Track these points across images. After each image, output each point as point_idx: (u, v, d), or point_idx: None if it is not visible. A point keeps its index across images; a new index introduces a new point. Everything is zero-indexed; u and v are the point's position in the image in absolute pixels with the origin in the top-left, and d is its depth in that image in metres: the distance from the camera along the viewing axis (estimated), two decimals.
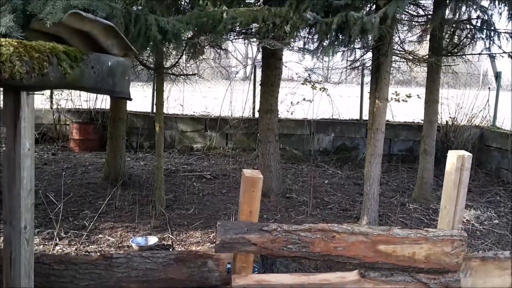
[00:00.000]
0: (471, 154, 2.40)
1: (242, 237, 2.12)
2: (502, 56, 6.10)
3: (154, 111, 6.95)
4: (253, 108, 8.99)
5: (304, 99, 8.76)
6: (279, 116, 6.46)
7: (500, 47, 5.87)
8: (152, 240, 4.17)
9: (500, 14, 5.43)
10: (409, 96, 8.36)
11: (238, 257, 2.20)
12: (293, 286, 2.17)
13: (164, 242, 4.29)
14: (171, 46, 4.55)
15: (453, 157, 2.38)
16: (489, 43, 5.84)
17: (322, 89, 8.72)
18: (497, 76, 8.70)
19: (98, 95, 8.62)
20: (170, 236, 4.43)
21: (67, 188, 5.70)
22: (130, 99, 2.17)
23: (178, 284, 2.28)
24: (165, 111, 8.82)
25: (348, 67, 7.05)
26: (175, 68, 6.26)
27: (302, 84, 8.84)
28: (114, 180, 5.74)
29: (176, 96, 9.37)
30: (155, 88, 6.89)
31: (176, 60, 5.70)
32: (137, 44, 3.14)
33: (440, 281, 2.33)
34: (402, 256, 2.27)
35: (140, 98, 9.15)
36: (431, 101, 6.26)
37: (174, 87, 8.80)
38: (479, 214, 5.57)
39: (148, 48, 4.14)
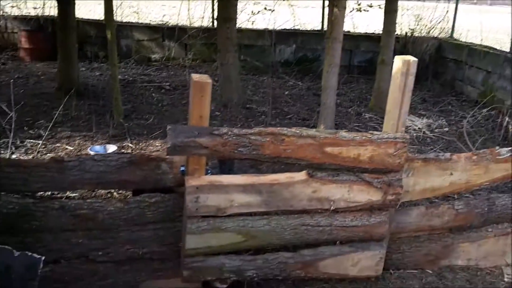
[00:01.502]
0: (416, 59, 2.44)
1: (193, 141, 2.15)
2: None
3: None
4: (213, 17, 8.67)
5: (265, 8, 8.50)
6: (239, 26, 6.29)
7: None
8: (111, 148, 4.17)
9: None
10: (370, 6, 8.26)
11: (191, 160, 2.25)
12: (244, 186, 2.27)
13: (123, 150, 4.31)
14: None
15: (399, 62, 2.42)
16: None
17: None
18: None
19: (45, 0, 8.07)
20: (130, 145, 4.45)
21: (19, 98, 5.50)
22: None
23: (133, 186, 2.33)
24: (119, 19, 8.44)
25: None
26: None
27: None
28: (68, 90, 5.57)
29: (132, 3, 8.88)
30: None
31: None
32: None
33: (383, 180, 2.49)
34: (348, 158, 2.38)
35: (93, 5, 8.63)
36: (391, 11, 6.22)
37: None
38: (431, 123, 5.84)
39: None
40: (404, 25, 8.23)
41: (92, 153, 4.05)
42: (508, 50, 6.85)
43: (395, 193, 2.53)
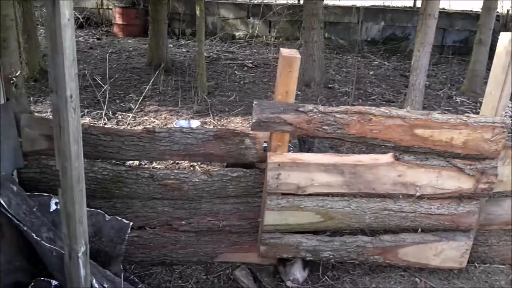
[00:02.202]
0: None
1: (278, 117, 2.14)
2: None
3: None
4: None
5: None
6: (326, 2, 6.13)
7: None
8: (195, 123, 4.31)
9: None
10: None
11: (274, 136, 2.25)
12: (326, 165, 2.23)
13: (206, 126, 4.43)
14: None
15: (505, 39, 2.21)
16: None
17: None
18: None
19: None
20: (212, 121, 4.57)
21: (112, 72, 5.86)
22: None
23: (217, 159, 2.39)
24: None
25: None
26: None
27: None
28: (157, 66, 5.81)
29: None
30: None
31: None
32: None
33: (476, 167, 2.32)
34: (439, 141, 2.24)
35: None
36: None
37: None
38: None
39: None
40: (506, 2, 7.53)
41: (177, 127, 4.22)
42: None
43: (488, 182, 2.35)
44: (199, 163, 3.57)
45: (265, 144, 2.32)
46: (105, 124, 4.31)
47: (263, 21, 8.41)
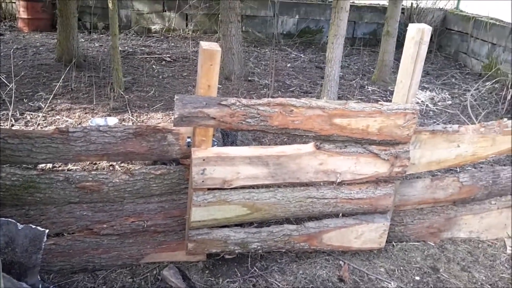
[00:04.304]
0: (430, 27, 2.37)
1: (200, 111, 2.11)
2: None
3: None
4: None
5: None
6: None
7: None
8: (112, 121, 4.13)
9: None
10: None
11: (197, 131, 2.21)
12: (251, 158, 2.24)
13: (124, 123, 4.26)
14: None
15: (413, 30, 2.35)
16: None
17: None
18: None
19: None
20: (130, 117, 4.40)
21: (18, 70, 5.43)
22: None
23: (139, 157, 2.30)
24: None
25: None
26: None
27: None
28: (68, 62, 5.48)
29: None
30: None
31: None
32: None
33: (391, 152, 2.46)
34: (356, 129, 2.34)
35: None
36: None
37: None
38: (434, 95, 5.78)
39: None
40: None
41: (93, 125, 4.01)
42: None
43: (401, 165, 2.51)
44: (119, 162, 3.43)
45: (188, 140, 2.28)
46: (12, 125, 3.98)
47: (179, 14, 8.25)
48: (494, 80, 5.94)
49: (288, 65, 6.92)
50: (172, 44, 7.73)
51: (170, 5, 8.24)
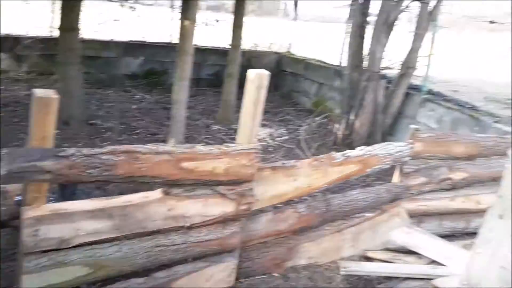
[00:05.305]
0: (268, 73, 2.58)
1: (34, 165, 1.93)
2: None
3: None
4: (53, 26, 7.94)
5: (111, 19, 8.15)
6: (83, 36, 5.91)
7: None
8: None
9: None
10: (217, 21, 8.53)
11: (30, 188, 2.01)
12: (93, 211, 2.12)
13: None
14: None
15: (252, 75, 2.53)
16: None
17: (131, 8, 8.21)
18: (295, 5, 9.49)
19: None
20: None
21: None
22: None
23: None
24: None
25: None
26: None
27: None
28: None
29: None
30: None
31: None
32: None
33: (237, 191, 2.56)
34: (204, 172, 2.40)
35: None
36: (237, 27, 6.53)
37: None
38: (273, 132, 6.26)
39: None
40: (248, 40, 8.67)
41: None
42: (337, 64, 7.69)
43: (247, 203, 2.62)
44: None
45: (18, 198, 2.05)
46: None
47: (11, 55, 7.53)
48: (322, 116, 6.68)
49: (134, 106, 6.81)
50: (3, 87, 6.99)
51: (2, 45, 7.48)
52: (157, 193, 2.35)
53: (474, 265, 1.34)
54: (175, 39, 8.43)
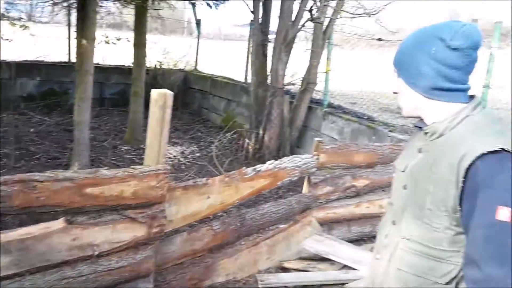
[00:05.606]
0: (172, 92, 2.54)
1: None
2: (201, 4, 6.69)
3: None
4: None
5: (3, 38, 7.55)
6: None
7: None
8: None
9: None
10: (118, 39, 8.29)
11: None
12: None
13: None
14: None
15: (156, 95, 2.48)
16: None
17: (23, 27, 7.68)
18: (198, 23, 9.53)
19: None
20: None
21: None
22: None
23: None
24: None
25: (50, 2, 6.42)
26: None
27: None
28: None
29: None
30: None
31: None
32: None
33: (147, 214, 2.48)
34: (110, 196, 2.29)
35: None
36: (140, 45, 6.40)
37: None
38: (184, 149, 6.19)
39: None
40: (153, 58, 8.55)
41: None
42: (243, 80, 7.86)
43: (159, 225, 2.55)
44: None
45: None
46: None
47: None
48: (233, 131, 6.75)
49: (32, 130, 6.35)
50: None
51: None
52: (59, 223, 2.19)
53: (376, 268, 1.43)
54: (73, 58, 8.08)
